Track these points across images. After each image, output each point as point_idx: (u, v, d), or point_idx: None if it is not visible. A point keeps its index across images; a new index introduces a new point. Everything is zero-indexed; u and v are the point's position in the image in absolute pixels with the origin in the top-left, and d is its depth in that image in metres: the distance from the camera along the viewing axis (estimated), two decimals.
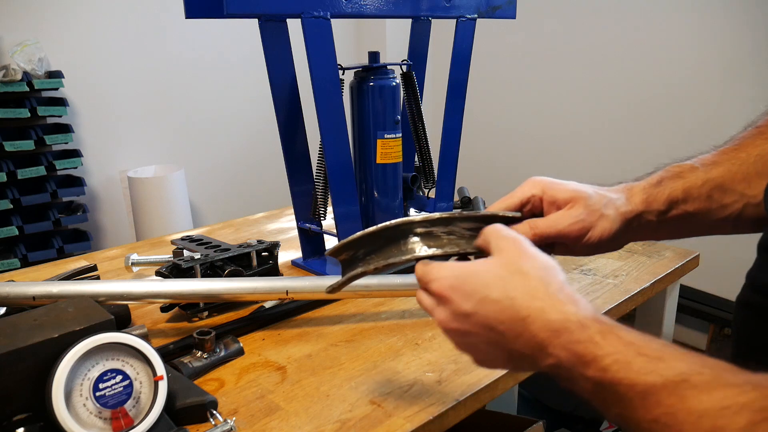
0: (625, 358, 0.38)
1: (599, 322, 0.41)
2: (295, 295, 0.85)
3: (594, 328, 0.41)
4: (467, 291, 0.46)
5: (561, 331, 0.41)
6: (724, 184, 0.56)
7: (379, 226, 0.53)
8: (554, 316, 0.42)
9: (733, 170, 0.56)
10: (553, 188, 0.56)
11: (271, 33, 0.95)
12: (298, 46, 0.91)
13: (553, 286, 0.44)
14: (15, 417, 0.57)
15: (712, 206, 0.57)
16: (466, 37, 1.10)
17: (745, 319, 0.57)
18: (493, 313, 0.44)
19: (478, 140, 3.01)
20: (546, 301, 0.43)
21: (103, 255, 1.24)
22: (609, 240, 0.56)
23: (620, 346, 0.39)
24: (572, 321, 0.41)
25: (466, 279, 0.46)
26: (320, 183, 1.06)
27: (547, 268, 0.45)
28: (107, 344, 0.59)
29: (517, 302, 0.43)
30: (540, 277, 0.44)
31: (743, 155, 0.57)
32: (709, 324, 2.31)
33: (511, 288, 0.44)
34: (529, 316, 0.43)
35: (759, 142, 0.57)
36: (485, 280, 0.45)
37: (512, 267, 0.45)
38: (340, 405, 0.68)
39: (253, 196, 3.07)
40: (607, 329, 0.40)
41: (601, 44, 2.53)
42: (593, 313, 0.42)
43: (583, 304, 0.43)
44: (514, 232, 0.49)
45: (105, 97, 2.56)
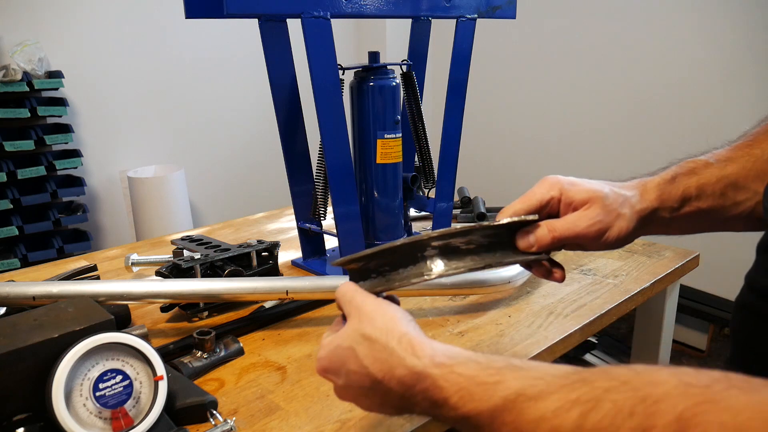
0: (467, 392, 0.41)
1: (439, 366, 0.43)
2: (295, 295, 0.85)
3: (435, 374, 0.43)
4: (335, 369, 0.49)
5: (411, 385, 0.44)
6: (738, 181, 0.56)
7: (394, 243, 0.52)
8: (402, 372, 0.44)
9: (747, 167, 0.56)
10: (569, 189, 0.56)
11: (271, 33, 0.95)
12: (298, 46, 0.91)
13: (392, 343, 0.46)
14: (15, 417, 0.57)
15: (726, 203, 0.56)
16: (466, 37, 1.10)
17: (743, 321, 0.57)
18: (359, 383, 0.47)
19: (478, 140, 3.02)
20: (391, 360, 0.45)
21: (103, 255, 1.24)
22: (625, 238, 0.56)
23: (462, 383, 0.41)
24: (416, 373, 0.43)
25: (331, 358, 0.49)
26: (320, 183, 1.06)
27: (386, 326, 0.47)
28: (107, 344, 0.59)
29: (370, 369, 0.46)
30: (381, 339, 0.46)
31: (757, 152, 0.57)
32: (709, 324, 2.31)
33: (362, 356, 0.47)
34: (384, 378, 0.45)
35: None
36: (341, 355, 0.48)
37: (357, 334, 0.48)
38: (340, 405, 0.68)
39: (253, 196, 3.07)
40: (447, 370, 0.42)
41: (601, 44, 2.53)
42: (431, 358, 0.44)
43: (423, 352, 0.44)
44: (357, 292, 0.51)
45: (105, 97, 2.56)
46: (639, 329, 1.20)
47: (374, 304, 0.49)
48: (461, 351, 0.44)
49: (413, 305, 0.93)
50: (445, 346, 0.45)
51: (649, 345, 1.18)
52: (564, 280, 0.57)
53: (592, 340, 2.39)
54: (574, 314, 0.90)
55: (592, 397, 0.34)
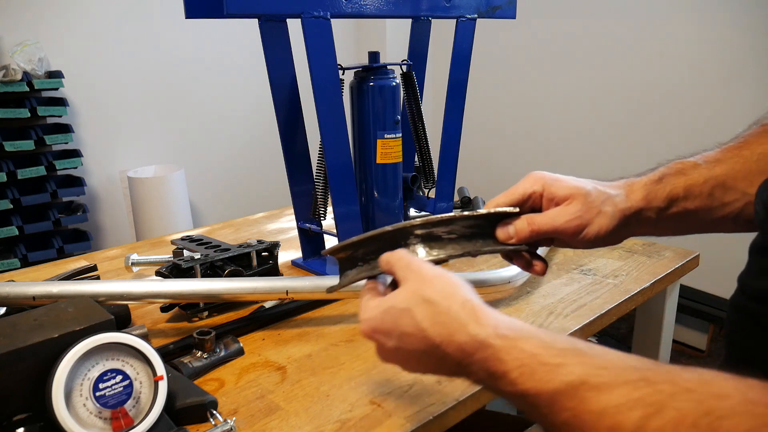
0: (529, 369, 0.40)
1: (502, 338, 0.43)
2: (295, 295, 0.85)
3: (497, 345, 0.42)
4: (386, 330, 0.48)
5: (471, 352, 0.43)
6: (726, 182, 0.56)
7: (379, 230, 0.53)
8: (463, 339, 0.44)
9: (736, 168, 0.56)
10: (553, 184, 0.57)
11: (271, 33, 0.95)
12: (298, 46, 0.91)
13: (455, 307, 0.45)
14: (15, 417, 0.57)
15: (713, 204, 0.56)
16: (466, 37, 1.10)
17: (737, 323, 0.57)
18: (414, 345, 0.47)
19: (478, 140, 3.02)
20: (452, 325, 0.45)
21: (103, 255, 1.24)
22: (606, 236, 0.56)
23: (524, 359, 0.41)
24: (477, 341, 0.43)
25: (383, 318, 0.48)
26: (320, 183, 1.06)
27: (449, 290, 0.47)
28: (107, 344, 0.59)
29: (428, 332, 0.46)
30: (443, 303, 0.46)
31: (746, 153, 0.57)
32: (709, 324, 2.31)
33: (420, 318, 0.46)
34: (442, 342, 0.45)
35: (762, 140, 0.57)
36: (396, 315, 0.47)
37: (416, 296, 0.47)
38: (340, 405, 0.68)
39: (253, 196, 3.07)
40: (510, 344, 0.42)
41: (601, 44, 2.53)
42: (495, 329, 0.43)
43: (487, 320, 0.44)
44: (414, 259, 0.51)
45: (105, 97, 2.56)
46: (639, 329, 1.20)
47: (435, 270, 0.49)
48: (525, 325, 0.44)
49: None
50: (509, 318, 0.45)
51: (649, 345, 1.18)
52: (545, 273, 0.58)
53: (592, 340, 2.38)
54: (574, 314, 0.90)
55: (656, 401, 0.34)
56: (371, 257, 0.54)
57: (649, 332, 1.17)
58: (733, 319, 0.57)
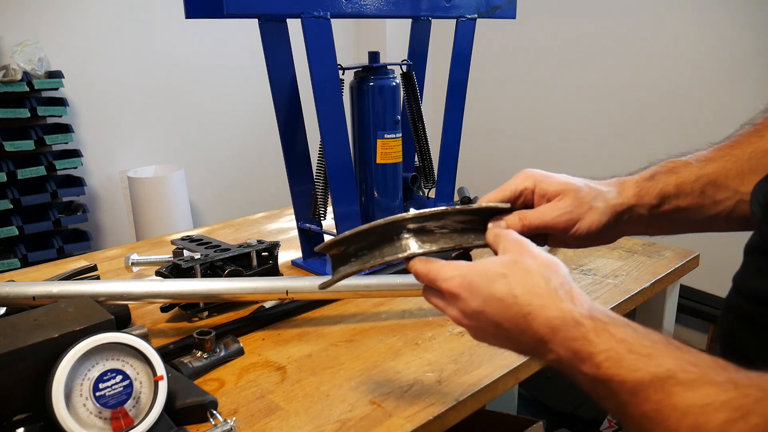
0: (617, 355, 0.40)
1: (594, 320, 0.42)
2: (295, 295, 0.85)
3: (588, 326, 0.42)
4: (474, 289, 0.47)
5: (559, 328, 0.43)
6: (718, 180, 0.56)
7: (371, 224, 0.53)
8: (553, 313, 0.44)
9: (727, 167, 0.56)
10: (544, 181, 0.57)
11: (271, 33, 0.95)
12: (298, 46, 0.91)
13: (554, 282, 0.45)
14: (15, 417, 0.57)
15: (705, 202, 0.57)
16: (466, 37, 1.10)
17: (731, 323, 0.57)
18: (499, 311, 0.46)
19: (479, 140, 3.01)
20: (546, 298, 0.44)
21: (103, 255, 1.24)
22: (598, 232, 0.56)
23: (613, 343, 0.41)
24: (569, 318, 0.43)
25: (474, 278, 0.47)
26: (320, 183, 1.06)
27: (549, 265, 0.47)
28: (107, 344, 0.59)
29: (519, 299, 0.45)
30: (541, 273, 0.46)
31: (738, 152, 0.57)
32: (709, 324, 2.31)
33: (514, 285, 0.45)
34: (530, 313, 0.44)
35: (754, 139, 0.57)
36: (490, 277, 0.47)
37: (515, 264, 0.47)
38: (340, 405, 0.68)
39: (253, 196, 3.07)
40: (601, 327, 0.42)
41: (601, 44, 2.53)
42: (590, 310, 0.43)
43: (582, 301, 0.44)
44: (520, 236, 0.51)
45: (105, 97, 2.56)
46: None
47: (538, 248, 0.49)
48: (618, 315, 0.43)
49: (413, 305, 0.94)
50: (603, 307, 0.45)
51: None
52: None
53: None
54: None
55: (742, 405, 0.34)
56: (363, 252, 0.54)
57: None
58: (727, 320, 0.57)
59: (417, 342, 0.82)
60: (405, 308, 0.93)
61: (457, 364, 0.76)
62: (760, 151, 0.56)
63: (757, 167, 0.55)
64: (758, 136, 0.57)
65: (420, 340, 0.83)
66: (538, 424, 1.05)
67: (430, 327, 0.87)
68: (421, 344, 0.82)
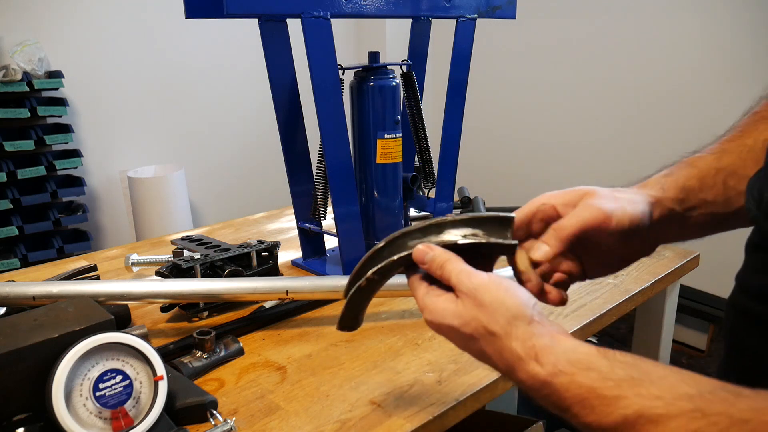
0: (589, 404, 0.41)
1: (561, 374, 0.43)
2: (295, 295, 0.85)
3: (556, 384, 0.43)
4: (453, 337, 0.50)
5: (534, 388, 0.45)
6: (737, 171, 0.55)
7: (372, 251, 0.54)
8: (522, 376, 0.45)
9: (743, 157, 0.55)
10: (563, 194, 0.54)
11: (271, 33, 0.95)
12: (298, 46, 0.91)
13: (515, 344, 0.45)
14: (15, 417, 0.57)
15: (730, 194, 0.55)
16: (466, 37, 1.10)
17: (735, 321, 0.57)
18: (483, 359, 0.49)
19: (478, 140, 3.01)
20: (513, 362, 0.45)
21: (103, 255, 1.24)
22: (640, 224, 0.51)
23: (583, 393, 0.42)
24: (538, 381, 0.44)
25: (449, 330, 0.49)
26: (320, 183, 1.06)
27: (510, 319, 0.46)
28: (107, 344, 0.59)
29: (493, 360, 0.47)
30: (504, 340, 0.46)
31: (750, 142, 0.56)
32: (709, 324, 2.31)
33: (484, 347, 0.47)
34: (507, 372, 0.47)
35: (762, 127, 0.57)
36: (464, 338, 0.49)
37: (481, 329, 0.47)
38: (340, 405, 0.68)
39: (253, 196, 3.07)
40: (569, 380, 0.43)
41: (601, 44, 2.53)
42: (554, 365, 0.43)
43: (546, 357, 0.44)
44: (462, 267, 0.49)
45: (105, 97, 2.56)
46: (639, 329, 1.20)
47: (491, 290, 0.47)
48: (585, 352, 0.44)
49: (413, 305, 0.93)
50: (570, 344, 0.44)
51: (649, 345, 1.18)
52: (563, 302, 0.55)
53: (592, 340, 2.39)
54: (574, 314, 0.90)
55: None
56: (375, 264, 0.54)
57: (649, 332, 1.17)
58: (732, 318, 0.57)
59: (417, 342, 0.82)
60: (405, 308, 0.93)
61: (457, 364, 0.76)
62: None
63: None
64: (766, 123, 0.57)
65: (420, 340, 0.83)
66: (538, 424, 1.05)
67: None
68: (421, 344, 0.82)
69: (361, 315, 0.57)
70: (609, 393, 0.41)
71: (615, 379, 0.41)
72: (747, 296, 0.54)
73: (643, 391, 0.40)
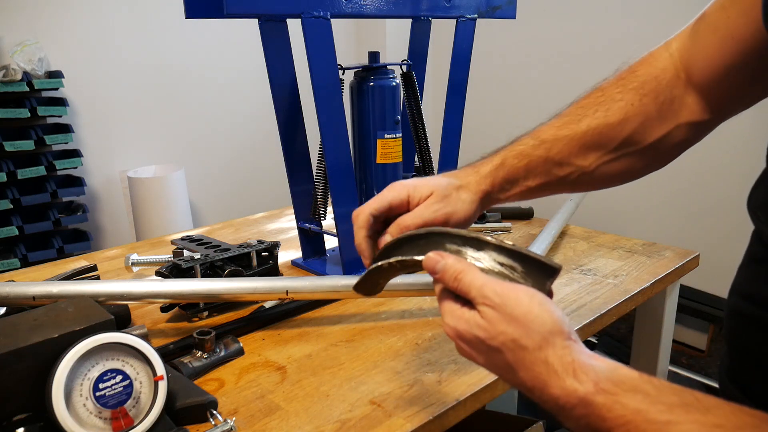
0: (635, 427, 0.38)
1: (603, 393, 0.40)
2: (295, 295, 0.85)
3: (598, 402, 0.40)
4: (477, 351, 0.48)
5: (568, 407, 0.42)
6: (563, 160, 0.63)
7: (416, 232, 0.56)
8: (557, 392, 0.42)
9: (571, 145, 0.63)
10: (416, 188, 0.62)
11: (271, 33, 0.95)
12: (298, 46, 0.91)
13: (552, 358, 0.43)
14: (15, 417, 0.57)
15: (551, 179, 0.64)
16: (466, 37, 1.10)
17: (742, 330, 0.57)
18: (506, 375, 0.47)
19: (479, 140, 3.01)
20: (547, 377, 0.43)
21: (103, 255, 1.24)
22: (470, 218, 0.64)
23: (628, 415, 0.39)
24: (576, 397, 0.41)
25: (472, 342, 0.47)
26: (320, 183, 1.06)
27: (545, 334, 0.44)
28: (107, 344, 0.59)
29: (520, 376, 0.44)
30: (538, 352, 0.43)
31: (583, 127, 0.62)
32: (709, 324, 2.31)
33: (513, 362, 0.44)
34: (534, 388, 0.43)
35: (599, 114, 0.62)
36: (489, 351, 0.46)
37: (510, 342, 0.44)
38: (340, 405, 0.68)
39: (253, 196, 3.07)
40: (612, 400, 0.40)
41: (601, 44, 2.53)
42: (595, 384, 0.41)
43: (586, 373, 0.42)
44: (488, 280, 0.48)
45: (105, 97, 2.56)
46: (639, 329, 1.20)
47: (523, 302, 0.45)
48: (627, 373, 0.41)
49: (413, 305, 0.94)
50: (609, 365, 0.42)
51: (649, 345, 1.18)
52: None
53: (592, 340, 2.39)
54: (574, 314, 0.90)
55: None
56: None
57: (649, 332, 1.17)
58: (737, 327, 0.57)
59: (417, 342, 0.82)
60: (405, 308, 0.93)
61: (457, 364, 0.76)
62: (598, 126, 0.61)
63: (595, 142, 0.62)
64: (603, 109, 0.62)
65: (420, 340, 0.83)
66: (538, 424, 1.05)
67: (430, 327, 0.87)
68: (421, 344, 0.82)
69: (377, 288, 0.60)
70: (660, 417, 0.37)
71: (666, 403, 0.38)
72: (756, 306, 0.54)
73: (701, 417, 0.37)
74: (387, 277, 0.59)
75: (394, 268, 0.55)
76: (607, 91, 0.64)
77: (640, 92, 0.61)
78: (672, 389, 0.39)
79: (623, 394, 0.39)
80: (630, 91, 0.62)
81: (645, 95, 0.61)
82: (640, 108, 0.61)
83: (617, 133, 0.61)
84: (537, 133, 0.66)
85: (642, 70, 0.64)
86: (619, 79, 0.64)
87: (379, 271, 0.57)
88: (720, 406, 0.38)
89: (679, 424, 0.37)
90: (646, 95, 0.61)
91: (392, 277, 0.58)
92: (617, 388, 0.40)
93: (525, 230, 1.31)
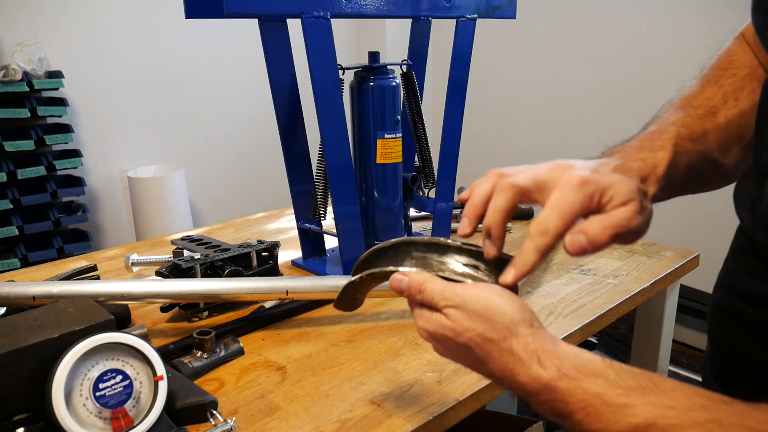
0: (594, 411, 0.40)
1: (565, 378, 0.42)
2: (295, 295, 0.85)
3: (561, 387, 0.42)
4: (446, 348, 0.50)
5: (534, 392, 0.43)
6: (709, 155, 0.59)
7: (381, 245, 0.56)
8: (524, 379, 0.44)
9: (719, 138, 0.59)
10: (609, 186, 0.48)
11: (271, 33, 0.95)
12: (298, 46, 0.91)
13: (517, 347, 0.44)
14: (15, 417, 0.57)
15: (692, 182, 0.60)
16: (466, 37, 1.10)
17: (723, 324, 0.57)
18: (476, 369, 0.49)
19: (479, 140, 3.02)
20: (514, 365, 0.44)
21: (103, 255, 1.24)
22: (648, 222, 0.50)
23: (588, 399, 0.40)
24: (540, 383, 0.43)
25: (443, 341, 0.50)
26: (320, 183, 1.06)
27: (508, 325, 0.45)
28: (107, 344, 0.59)
29: (490, 367, 0.46)
30: (503, 342, 0.45)
31: (721, 120, 0.59)
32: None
33: (481, 355, 0.46)
34: (504, 377, 0.45)
35: (731, 104, 0.60)
36: (458, 348, 0.48)
37: (477, 337, 0.46)
38: (340, 405, 0.68)
39: (253, 196, 3.07)
40: (574, 385, 0.41)
41: (601, 44, 2.53)
42: (558, 369, 0.42)
43: (550, 359, 0.43)
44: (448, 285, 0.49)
45: (105, 97, 2.56)
46: (639, 329, 1.20)
47: (484, 299, 0.47)
48: (589, 359, 0.43)
49: None
50: (573, 350, 0.44)
51: (649, 345, 1.18)
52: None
53: (592, 340, 2.39)
54: (574, 314, 0.90)
55: None
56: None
57: (649, 332, 1.17)
58: (719, 321, 0.57)
59: (417, 342, 0.82)
60: (405, 308, 0.93)
61: (456, 364, 0.76)
62: (735, 117, 0.58)
63: (736, 135, 0.59)
64: (732, 99, 0.60)
65: (420, 340, 0.83)
66: (538, 424, 1.05)
67: None
68: (421, 344, 0.82)
69: (355, 303, 0.60)
70: (617, 400, 0.39)
71: (624, 387, 0.40)
72: (737, 299, 0.55)
73: (655, 399, 0.38)
74: (363, 292, 0.58)
75: (366, 282, 0.56)
76: (722, 82, 0.61)
77: (755, 77, 0.60)
78: (631, 373, 0.41)
79: (584, 378, 0.41)
80: (744, 78, 0.60)
81: (758, 79, 0.59)
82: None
83: (752, 120, 0.57)
84: (682, 125, 0.59)
85: (739, 60, 0.62)
86: (723, 70, 0.62)
87: (353, 287, 0.57)
88: (675, 389, 0.39)
89: (635, 407, 0.38)
90: (759, 79, 0.59)
91: (368, 290, 0.59)
92: (579, 373, 0.42)
93: (525, 230, 1.31)
